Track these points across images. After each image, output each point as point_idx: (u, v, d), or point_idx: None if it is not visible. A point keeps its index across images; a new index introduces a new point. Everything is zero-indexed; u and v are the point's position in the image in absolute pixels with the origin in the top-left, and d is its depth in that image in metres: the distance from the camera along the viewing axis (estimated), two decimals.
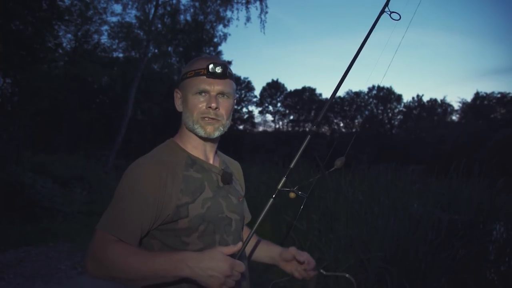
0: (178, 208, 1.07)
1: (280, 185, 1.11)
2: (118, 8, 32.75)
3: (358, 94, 49.03)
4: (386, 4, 1.21)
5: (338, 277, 3.28)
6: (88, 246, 1.03)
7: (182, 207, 1.07)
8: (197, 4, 19.59)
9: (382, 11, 1.21)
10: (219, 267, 0.92)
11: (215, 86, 1.12)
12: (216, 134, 1.14)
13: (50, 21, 8.11)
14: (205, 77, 1.11)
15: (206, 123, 1.13)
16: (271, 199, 1.10)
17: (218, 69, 1.11)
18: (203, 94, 1.12)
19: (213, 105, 1.11)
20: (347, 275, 1.13)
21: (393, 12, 1.19)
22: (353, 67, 1.15)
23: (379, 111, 48.19)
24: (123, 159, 15.55)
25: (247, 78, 48.31)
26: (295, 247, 1.28)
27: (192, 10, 20.61)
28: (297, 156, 1.12)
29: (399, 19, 1.19)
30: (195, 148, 1.18)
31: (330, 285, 3.41)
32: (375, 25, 1.21)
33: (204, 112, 1.12)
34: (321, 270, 1.17)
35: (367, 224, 3.71)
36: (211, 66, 1.10)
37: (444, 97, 47.57)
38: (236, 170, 1.37)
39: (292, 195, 1.12)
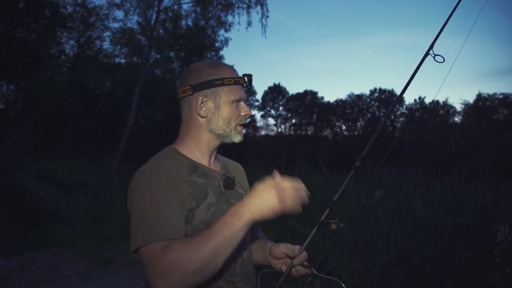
0: (189, 212, 1.04)
1: (324, 216, 1.12)
2: (120, 14, 32.77)
3: (360, 96, 49.06)
4: (431, 47, 1.23)
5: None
6: (144, 274, 0.92)
7: (190, 212, 1.04)
8: (198, 9, 19.70)
9: (427, 54, 1.23)
10: (271, 202, 0.95)
11: (244, 95, 1.18)
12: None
13: (53, 28, 8.18)
14: (242, 86, 1.16)
15: (241, 130, 1.18)
16: (314, 230, 1.12)
17: (252, 81, 1.19)
18: (239, 102, 1.16)
19: (250, 112, 1.17)
20: (340, 282, 1.11)
21: (437, 55, 1.23)
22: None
23: (381, 114, 48.13)
24: (126, 164, 15.57)
25: None
26: (287, 243, 1.19)
27: (193, 15, 20.71)
28: (340, 189, 1.16)
29: (443, 61, 1.22)
30: (202, 154, 1.16)
31: None
32: (419, 67, 1.24)
33: (242, 120, 1.17)
34: (313, 270, 1.12)
35: (371, 227, 3.71)
36: (247, 77, 1.17)
37: (446, 99, 47.23)
38: (238, 173, 1.32)
39: (333, 226, 1.14)
